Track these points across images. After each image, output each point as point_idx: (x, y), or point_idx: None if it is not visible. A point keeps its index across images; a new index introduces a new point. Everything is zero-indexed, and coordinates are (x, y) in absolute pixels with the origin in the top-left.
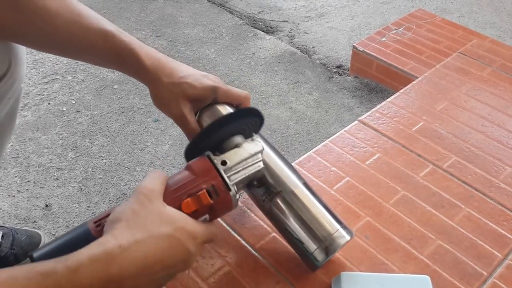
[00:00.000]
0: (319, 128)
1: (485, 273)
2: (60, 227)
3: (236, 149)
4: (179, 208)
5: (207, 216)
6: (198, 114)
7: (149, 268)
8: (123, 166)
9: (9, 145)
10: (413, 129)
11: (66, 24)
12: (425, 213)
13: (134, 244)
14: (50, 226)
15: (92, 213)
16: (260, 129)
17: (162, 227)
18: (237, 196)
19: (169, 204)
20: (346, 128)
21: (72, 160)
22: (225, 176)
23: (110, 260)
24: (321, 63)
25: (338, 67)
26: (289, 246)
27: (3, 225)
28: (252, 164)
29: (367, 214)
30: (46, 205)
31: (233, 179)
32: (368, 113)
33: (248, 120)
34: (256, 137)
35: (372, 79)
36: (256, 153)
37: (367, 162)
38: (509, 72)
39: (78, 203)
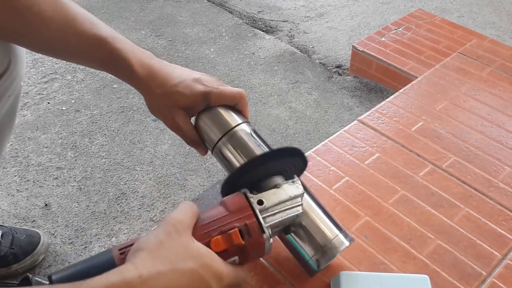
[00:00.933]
0: (319, 127)
1: (484, 273)
2: (59, 226)
3: (275, 190)
4: (208, 245)
5: (236, 258)
6: (196, 117)
7: None
8: (123, 166)
9: (9, 144)
10: (413, 129)
11: (60, 29)
12: (424, 212)
13: (155, 276)
14: (49, 225)
15: (92, 212)
16: (302, 172)
17: (188, 261)
18: (271, 240)
19: (198, 239)
20: (345, 128)
21: (72, 160)
22: (260, 217)
23: None
24: (321, 63)
25: (337, 67)
26: None
27: (3, 225)
28: (291, 208)
29: (366, 214)
30: (46, 205)
31: (268, 221)
32: (368, 113)
33: (290, 161)
34: (297, 179)
35: (372, 79)
36: (296, 197)
37: (366, 162)
38: (509, 72)
39: (77, 202)
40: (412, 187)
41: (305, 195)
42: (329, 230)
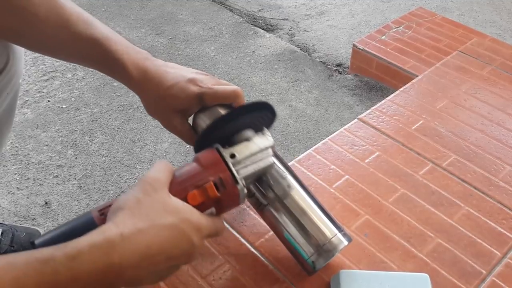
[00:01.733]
0: (319, 126)
1: (484, 272)
2: (59, 224)
3: (246, 143)
4: (185, 199)
5: (213, 209)
6: (193, 116)
7: (151, 258)
8: (123, 164)
9: (9, 142)
10: (413, 128)
11: (55, 30)
12: (424, 211)
13: (136, 233)
14: (49, 224)
15: None
16: (272, 125)
17: (166, 217)
18: (245, 190)
19: (175, 195)
20: (345, 126)
21: (72, 158)
22: (233, 169)
23: (111, 248)
24: (321, 61)
25: (338, 65)
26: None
27: (3, 223)
28: (262, 159)
29: (366, 212)
30: (46, 203)
31: (241, 173)
32: (368, 111)
33: (259, 114)
34: (267, 131)
35: (372, 77)
36: (266, 148)
37: (366, 160)
38: (509, 70)
39: (77, 200)
40: (412, 185)
41: (304, 193)
42: (327, 229)
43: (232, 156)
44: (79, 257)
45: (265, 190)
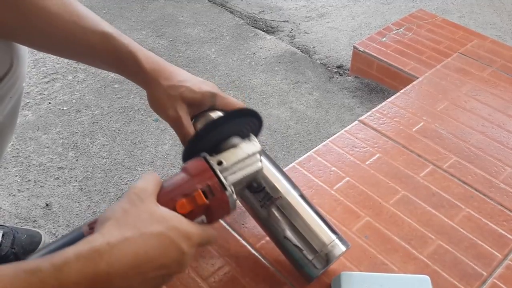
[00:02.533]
0: (320, 128)
1: (484, 273)
2: (60, 226)
3: (233, 149)
4: (173, 209)
5: (204, 218)
6: (193, 120)
7: (139, 267)
8: (124, 166)
9: (10, 144)
10: (413, 129)
11: (65, 25)
12: (425, 213)
13: (123, 241)
14: (50, 226)
15: (93, 212)
16: (259, 132)
17: (154, 225)
18: (234, 197)
19: (163, 205)
20: (346, 128)
21: (73, 160)
22: (220, 176)
23: (98, 257)
24: (322, 63)
25: (338, 67)
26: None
27: (4, 224)
28: (250, 165)
29: (367, 214)
30: (47, 205)
31: (230, 179)
32: (369, 113)
33: (245, 121)
34: (254, 137)
35: (373, 79)
36: (253, 153)
37: (367, 162)
38: (510, 72)
39: (78, 202)
40: (413, 187)
41: (301, 200)
42: (325, 235)
43: (219, 163)
44: (66, 267)
45: (259, 196)
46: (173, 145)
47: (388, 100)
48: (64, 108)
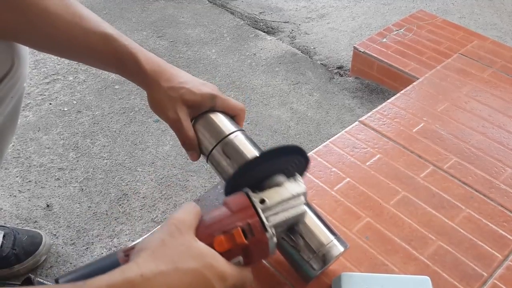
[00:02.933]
0: (320, 128)
1: (485, 274)
2: (61, 227)
3: (277, 188)
4: (211, 245)
5: (241, 259)
6: (193, 121)
7: None
8: (124, 167)
9: (11, 145)
10: (414, 130)
11: (66, 26)
12: (426, 214)
13: (158, 275)
14: (51, 226)
15: (93, 213)
16: (305, 171)
17: (190, 261)
18: (275, 239)
19: (201, 239)
20: (346, 129)
21: (73, 160)
22: (262, 216)
23: None
24: (322, 64)
25: (339, 68)
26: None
27: (5, 225)
28: (294, 206)
29: (367, 215)
30: (47, 205)
31: (271, 220)
32: (369, 114)
33: (291, 159)
34: (299, 177)
35: (373, 80)
36: (298, 195)
37: (367, 163)
38: (510, 73)
39: (79, 203)
40: (413, 188)
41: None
42: (323, 236)
43: (262, 201)
44: None
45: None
46: (174, 146)
47: (389, 101)
48: (65, 109)
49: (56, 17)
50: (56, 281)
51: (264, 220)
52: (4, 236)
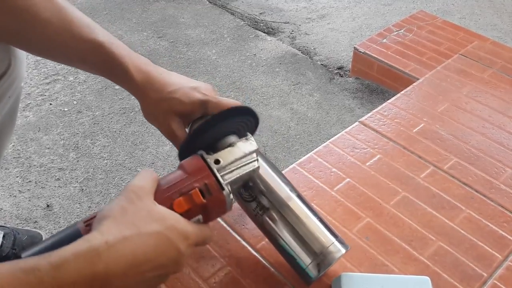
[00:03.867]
0: (320, 129)
1: (485, 275)
2: (61, 227)
3: (230, 148)
4: (170, 207)
5: (200, 217)
6: (190, 125)
7: (137, 266)
8: (124, 167)
9: (11, 145)
10: (414, 131)
11: (57, 33)
12: (426, 214)
13: (122, 241)
14: (51, 226)
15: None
16: (255, 130)
17: (152, 224)
18: (231, 196)
19: (160, 203)
20: (347, 129)
21: (74, 161)
22: (218, 175)
23: (96, 256)
24: (322, 65)
25: (339, 68)
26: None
27: (5, 225)
28: (247, 164)
29: (367, 215)
30: (48, 205)
31: (226, 178)
32: (369, 114)
33: (242, 119)
34: (250, 136)
35: (373, 80)
36: (250, 152)
37: (367, 163)
38: (510, 73)
39: (79, 203)
40: (413, 188)
41: (299, 201)
42: (324, 237)
43: (217, 162)
44: (63, 266)
45: (251, 206)
46: (174, 146)
47: (389, 101)
48: (65, 109)
49: (46, 24)
50: (19, 257)
51: (220, 179)
52: (4, 236)
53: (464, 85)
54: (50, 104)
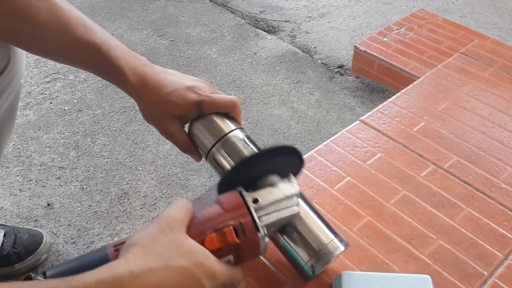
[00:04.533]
0: (321, 128)
1: (485, 273)
2: (61, 226)
3: (270, 188)
4: (202, 243)
5: (231, 257)
6: (189, 124)
7: None
8: (125, 165)
9: (11, 144)
10: (414, 129)
11: (54, 34)
12: (426, 213)
13: (147, 272)
14: (52, 225)
15: (94, 212)
16: (299, 172)
17: (180, 258)
18: (266, 240)
19: (192, 237)
20: (347, 128)
21: (74, 159)
22: (255, 215)
23: (118, 285)
24: (323, 63)
25: (339, 67)
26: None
27: (5, 224)
28: (286, 207)
29: (368, 214)
30: (48, 204)
31: (263, 220)
32: (369, 113)
33: (286, 159)
34: (293, 178)
35: (374, 79)
36: (291, 195)
37: (368, 162)
38: (510, 72)
39: (79, 202)
40: (414, 187)
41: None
42: (323, 235)
43: (255, 201)
44: None
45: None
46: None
47: (389, 100)
48: (66, 108)
49: (43, 25)
50: (44, 274)
51: (257, 219)
52: (5, 235)
53: (464, 83)
54: (51, 102)
